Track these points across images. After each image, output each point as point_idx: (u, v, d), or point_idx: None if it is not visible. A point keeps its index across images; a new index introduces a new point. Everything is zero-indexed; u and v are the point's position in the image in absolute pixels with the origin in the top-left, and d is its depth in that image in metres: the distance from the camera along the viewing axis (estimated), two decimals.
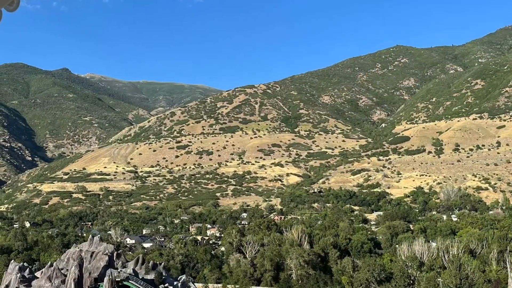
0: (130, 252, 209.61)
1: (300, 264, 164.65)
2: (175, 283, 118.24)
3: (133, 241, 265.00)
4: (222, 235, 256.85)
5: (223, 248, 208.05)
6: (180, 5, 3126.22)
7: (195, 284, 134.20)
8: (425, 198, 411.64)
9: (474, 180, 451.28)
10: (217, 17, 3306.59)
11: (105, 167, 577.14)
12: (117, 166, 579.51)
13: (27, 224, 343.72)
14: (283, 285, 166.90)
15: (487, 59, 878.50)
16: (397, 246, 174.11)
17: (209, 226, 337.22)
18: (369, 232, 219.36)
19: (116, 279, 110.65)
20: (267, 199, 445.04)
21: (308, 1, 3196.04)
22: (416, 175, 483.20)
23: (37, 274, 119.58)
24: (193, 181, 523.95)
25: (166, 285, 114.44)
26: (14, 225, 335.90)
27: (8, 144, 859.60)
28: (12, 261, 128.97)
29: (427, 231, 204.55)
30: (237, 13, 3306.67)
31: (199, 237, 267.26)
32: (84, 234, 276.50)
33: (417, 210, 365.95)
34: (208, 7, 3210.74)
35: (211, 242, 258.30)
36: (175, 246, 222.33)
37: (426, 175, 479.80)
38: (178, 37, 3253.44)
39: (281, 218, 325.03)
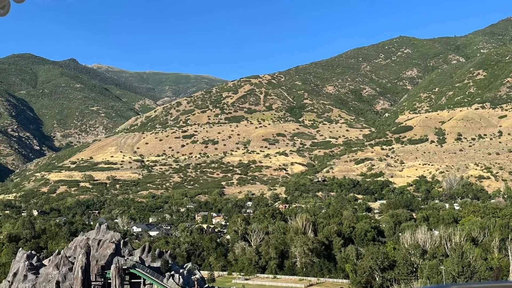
0: (136, 240, 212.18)
1: (305, 252, 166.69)
2: (181, 270, 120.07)
3: (140, 229, 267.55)
4: (228, 223, 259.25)
5: (228, 236, 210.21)
6: None
7: (200, 271, 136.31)
8: (427, 187, 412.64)
9: (476, 169, 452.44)
10: (222, 9, 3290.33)
11: (112, 156, 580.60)
12: (123, 155, 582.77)
13: (35, 213, 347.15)
14: (288, 272, 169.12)
15: (489, 50, 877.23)
16: (400, 234, 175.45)
17: (214, 214, 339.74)
18: (372, 221, 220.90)
19: (123, 267, 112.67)
20: (271, 188, 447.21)
21: None
22: (419, 164, 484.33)
23: (45, 262, 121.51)
24: (198, 170, 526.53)
25: (172, 272, 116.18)
26: (22, 214, 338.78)
27: (16, 134, 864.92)
28: (20, 249, 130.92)
29: (429, 220, 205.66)
30: (242, 5, 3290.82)
31: (204, 226, 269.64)
32: (91, 223, 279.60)
33: (420, 199, 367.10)
34: None
35: (216, 230, 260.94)
36: (181, 234, 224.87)
37: (428, 164, 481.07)
38: (183, 28, 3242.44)
39: (285, 206, 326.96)
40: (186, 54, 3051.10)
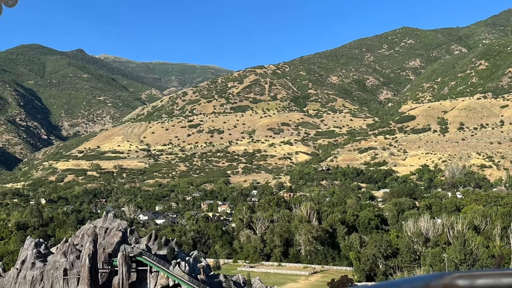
0: (143, 228, 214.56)
1: (309, 240, 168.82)
2: (187, 258, 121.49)
3: (146, 218, 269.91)
4: (233, 211, 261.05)
5: (233, 224, 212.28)
6: None
7: (206, 259, 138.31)
8: (430, 175, 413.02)
9: (478, 158, 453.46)
10: None
11: (119, 146, 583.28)
12: (130, 145, 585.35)
13: (43, 201, 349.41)
14: (292, 260, 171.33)
15: (491, 40, 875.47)
16: (403, 222, 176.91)
17: (220, 203, 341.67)
18: (376, 209, 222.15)
19: (130, 255, 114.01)
20: (276, 177, 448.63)
21: None
22: (422, 153, 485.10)
23: (53, 249, 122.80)
24: (204, 159, 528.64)
25: (178, 260, 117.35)
26: (30, 202, 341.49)
27: (25, 123, 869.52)
28: (28, 237, 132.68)
29: (432, 208, 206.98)
30: None
31: (210, 214, 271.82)
32: (99, 211, 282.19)
33: (423, 187, 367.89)
34: None
35: (222, 218, 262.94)
36: (187, 222, 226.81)
37: (431, 153, 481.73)
38: (189, 18, 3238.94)
39: (290, 195, 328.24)
40: (192, 44, 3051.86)
